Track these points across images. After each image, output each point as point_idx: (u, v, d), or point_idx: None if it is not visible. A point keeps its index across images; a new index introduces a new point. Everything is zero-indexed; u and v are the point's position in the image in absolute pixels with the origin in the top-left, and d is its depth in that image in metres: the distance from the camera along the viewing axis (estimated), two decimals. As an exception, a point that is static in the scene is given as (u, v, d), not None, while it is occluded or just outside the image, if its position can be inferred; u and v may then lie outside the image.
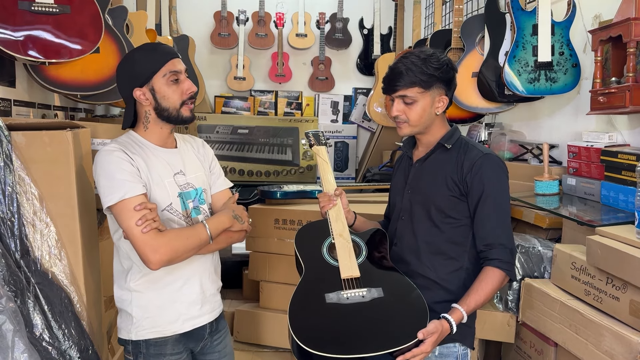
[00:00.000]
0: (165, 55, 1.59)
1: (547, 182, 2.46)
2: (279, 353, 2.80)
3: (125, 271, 1.62)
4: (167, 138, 1.68)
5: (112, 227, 1.62)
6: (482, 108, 3.00)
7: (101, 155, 1.54)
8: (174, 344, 1.64)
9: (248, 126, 4.49)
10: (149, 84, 1.58)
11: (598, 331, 1.75)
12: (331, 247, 1.70)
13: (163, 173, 1.62)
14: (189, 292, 1.65)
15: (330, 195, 1.79)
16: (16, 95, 2.45)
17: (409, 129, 1.66)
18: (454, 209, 1.63)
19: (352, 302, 1.51)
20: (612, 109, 2.11)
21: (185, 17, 4.71)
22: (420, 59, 1.61)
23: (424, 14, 4.44)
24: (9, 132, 1.64)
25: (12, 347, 1.46)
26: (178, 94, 1.60)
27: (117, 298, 1.66)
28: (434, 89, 1.62)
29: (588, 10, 2.54)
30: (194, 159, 1.74)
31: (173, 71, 1.58)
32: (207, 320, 1.71)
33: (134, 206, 1.48)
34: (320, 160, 1.90)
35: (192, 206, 1.66)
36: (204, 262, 1.70)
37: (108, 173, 1.51)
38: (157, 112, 1.61)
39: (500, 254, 1.56)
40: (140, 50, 1.63)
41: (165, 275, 1.60)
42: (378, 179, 4.09)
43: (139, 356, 1.63)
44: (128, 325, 1.63)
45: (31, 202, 1.68)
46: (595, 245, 1.78)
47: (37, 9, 2.17)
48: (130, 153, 1.56)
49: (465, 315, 1.52)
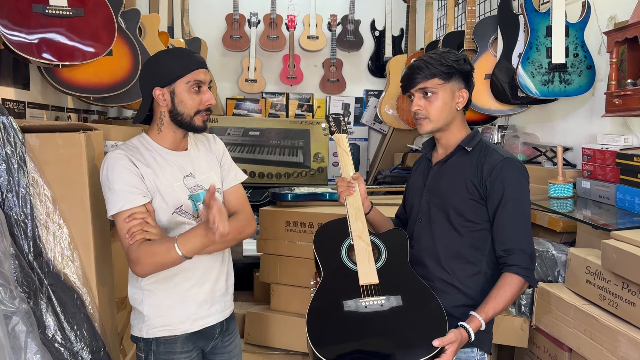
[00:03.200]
0: (195, 63, 1.61)
1: (561, 185, 2.43)
2: (290, 356, 2.79)
3: None
4: (180, 142, 1.69)
5: None
6: (495, 110, 2.98)
7: (106, 162, 1.57)
8: (183, 342, 1.65)
9: (259, 128, 4.50)
10: (171, 86, 1.60)
11: (613, 337, 1.72)
12: (350, 248, 1.66)
13: (172, 176, 1.63)
14: (198, 292, 1.66)
15: (349, 181, 1.75)
16: (30, 98, 2.47)
17: (430, 125, 1.64)
18: (473, 212, 1.60)
19: (370, 310, 1.49)
20: (627, 111, 2.08)
21: (198, 19, 4.73)
22: (437, 54, 1.62)
23: (436, 16, 4.42)
24: (23, 135, 1.65)
25: (25, 348, 1.47)
26: (196, 103, 1.61)
27: (131, 296, 1.68)
28: (453, 82, 1.62)
29: (603, 12, 2.51)
30: (204, 159, 1.75)
31: (197, 80, 1.60)
32: (217, 320, 1.71)
33: (124, 218, 1.53)
34: (341, 151, 1.82)
35: (199, 207, 1.66)
36: (213, 262, 1.70)
37: (110, 183, 1.55)
38: (172, 115, 1.62)
39: (520, 259, 1.53)
40: (171, 52, 1.66)
41: (175, 276, 1.62)
42: (389, 181, 4.07)
43: (150, 354, 1.65)
44: (140, 323, 1.65)
45: (44, 204, 1.69)
46: (610, 250, 1.75)
47: (51, 12, 2.19)
48: (135, 160, 1.58)
49: (483, 324, 1.49)
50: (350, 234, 1.67)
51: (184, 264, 1.55)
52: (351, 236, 1.67)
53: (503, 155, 1.60)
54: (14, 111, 2.30)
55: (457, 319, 1.50)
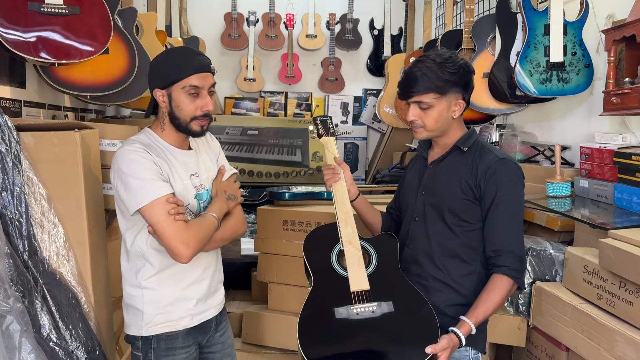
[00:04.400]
0: (191, 68, 1.57)
1: (559, 184, 2.43)
2: (287, 355, 2.79)
3: (136, 269, 1.63)
4: (183, 141, 1.70)
5: (124, 225, 1.63)
6: (493, 109, 2.97)
7: (125, 153, 1.55)
8: (184, 337, 1.66)
9: (258, 127, 4.49)
10: (169, 90, 1.59)
11: (611, 336, 1.72)
12: (340, 254, 1.66)
13: (182, 174, 1.64)
14: (198, 289, 1.68)
15: (334, 168, 1.75)
16: (27, 96, 2.47)
17: (425, 133, 1.65)
18: (468, 212, 1.61)
19: (362, 317, 1.49)
20: (625, 109, 2.08)
21: (196, 18, 4.72)
22: (436, 63, 1.58)
23: (434, 15, 4.41)
24: (18, 133, 1.65)
25: (19, 347, 1.46)
26: (192, 108, 1.59)
27: (127, 295, 1.67)
28: (450, 94, 1.61)
29: (601, 10, 2.50)
30: (206, 158, 1.76)
31: (193, 85, 1.57)
32: (213, 314, 1.75)
33: (167, 199, 1.51)
34: (329, 154, 1.82)
35: (202, 206, 1.69)
36: (210, 259, 1.73)
37: (135, 173, 1.52)
38: (170, 117, 1.62)
39: (509, 261, 1.53)
40: (171, 54, 1.64)
41: (177, 274, 1.63)
42: (388, 180, 4.06)
43: (149, 352, 1.64)
44: (138, 321, 1.64)
45: (39, 202, 1.68)
46: (608, 249, 1.74)
47: (47, 10, 2.18)
48: (152, 154, 1.57)
49: (473, 328, 1.50)
50: (340, 239, 1.67)
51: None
52: (341, 241, 1.66)
53: (498, 155, 1.61)
54: (10, 110, 2.29)
55: (451, 317, 1.50)
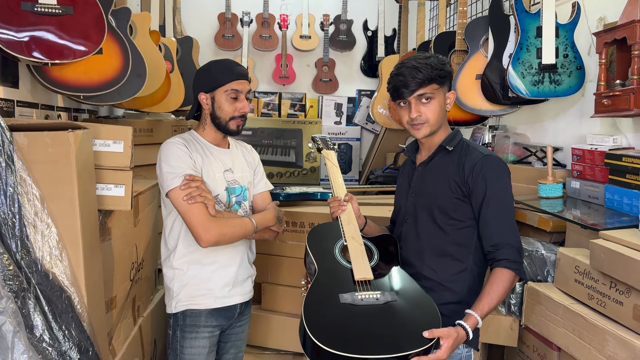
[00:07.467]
0: (235, 75, 1.88)
1: (551, 185, 2.44)
2: (281, 355, 2.79)
3: (170, 252, 1.91)
4: (221, 140, 1.99)
5: (164, 212, 1.93)
6: (485, 110, 2.99)
7: (166, 145, 1.85)
8: (207, 316, 1.90)
9: (251, 128, 4.49)
10: (213, 93, 1.89)
11: (601, 336, 1.73)
12: (343, 249, 1.72)
13: (215, 168, 1.91)
14: (223, 275, 1.91)
15: (340, 200, 1.82)
16: (19, 96, 2.45)
17: (428, 128, 1.67)
18: (457, 210, 1.63)
19: (366, 303, 1.51)
20: (616, 111, 2.10)
21: (190, 18, 4.71)
22: (424, 58, 1.64)
23: (428, 16, 4.43)
24: (11, 133, 1.64)
25: (12, 348, 1.46)
26: (231, 109, 1.89)
27: (164, 276, 1.95)
28: (444, 86, 1.67)
29: (593, 13, 2.52)
30: (242, 160, 2.04)
31: (234, 89, 1.88)
32: (237, 302, 1.96)
33: (187, 179, 1.77)
34: (330, 164, 1.95)
35: (234, 200, 1.94)
36: (238, 251, 1.95)
37: (169, 160, 1.81)
38: (212, 117, 1.92)
39: (508, 253, 1.55)
40: (218, 64, 1.93)
41: (203, 258, 1.88)
42: (382, 181, 4.07)
43: (177, 329, 1.90)
44: (170, 300, 1.92)
45: (32, 202, 1.67)
46: (598, 249, 1.76)
47: (40, 9, 2.17)
48: (189, 147, 1.87)
49: (480, 320, 1.51)
50: (343, 235, 1.73)
51: (213, 249, 1.83)
52: (344, 237, 1.72)
53: (483, 152, 1.64)
54: (3, 110, 2.28)
55: (446, 316, 1.51)
